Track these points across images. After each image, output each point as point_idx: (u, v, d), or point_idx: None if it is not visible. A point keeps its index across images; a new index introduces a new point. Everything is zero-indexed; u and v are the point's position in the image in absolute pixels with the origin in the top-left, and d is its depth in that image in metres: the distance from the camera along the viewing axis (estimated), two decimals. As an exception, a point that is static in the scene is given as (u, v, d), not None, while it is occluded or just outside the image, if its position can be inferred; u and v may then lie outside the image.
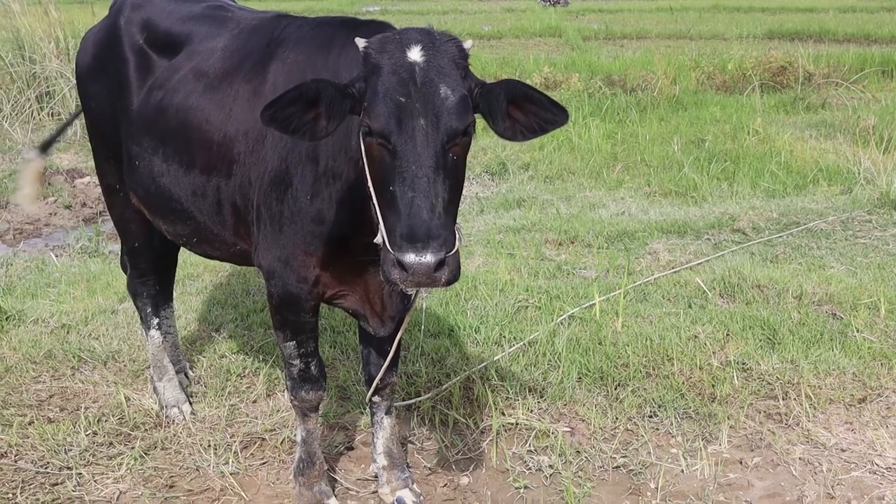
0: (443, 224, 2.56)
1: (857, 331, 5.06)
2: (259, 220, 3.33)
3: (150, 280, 4.37)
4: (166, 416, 4.31)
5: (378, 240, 2.88)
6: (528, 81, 13.47)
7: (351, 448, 4.14)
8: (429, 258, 2.51)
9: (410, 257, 2.51)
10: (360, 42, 2.74)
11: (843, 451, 4.06)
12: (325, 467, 3.71)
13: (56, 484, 3.81)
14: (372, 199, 2.70)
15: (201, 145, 3.48)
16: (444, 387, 4.45)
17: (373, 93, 2.64)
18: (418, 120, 2.58)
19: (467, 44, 2.79)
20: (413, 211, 2.54)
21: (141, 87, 3.81)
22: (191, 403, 4.43)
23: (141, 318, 4.45)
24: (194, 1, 3.97)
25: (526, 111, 2.85)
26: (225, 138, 3.41)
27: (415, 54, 2.65)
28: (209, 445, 4.07)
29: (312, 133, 2.74)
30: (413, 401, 4.31)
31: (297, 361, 3.49)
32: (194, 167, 3.53)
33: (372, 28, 3.22)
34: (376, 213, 2.73)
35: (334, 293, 3.38)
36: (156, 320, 4.41)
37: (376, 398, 3.75)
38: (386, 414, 3.78)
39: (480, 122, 2.84)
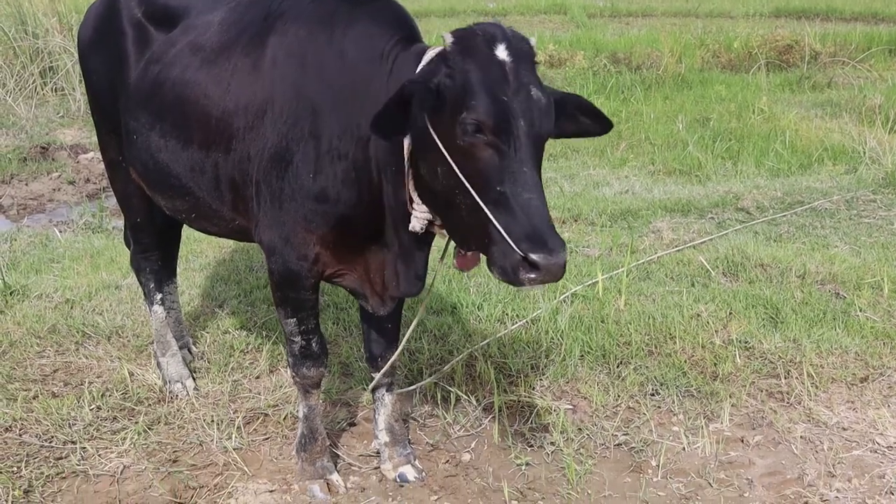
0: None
1: (860, 310, 5.06)
2: (259, 196, 3.30)
3: (154, 255, 4.37)
4: (170, 392, 4.33)
5: (416, 227, 2.94)
6: (532, 59, 13.46)
7: (353, 424, 4.15)
8: (560, 257, 2.57)
9: (545, 258, 2.55)
10: (448, 38, 2.74)
11: (844, 429, 4.07)
12: (328, 443, 3.73)
13: (60, 458, 3.83)
14: (463, 199, 2.70)
15: (199, 120, 3.44)
16: (446, 367, 4.45)
17: (477, 92, 2.63)
18: (519, 120, 2.62)
19: (532, 41, 2.83)
20: (533, 212, 2.59)
21: (139, 61, 3.76)
22: (194, 379, 4.44)
23: (144, 293, 4.45)
24: None
25: (575, 119, 2.97)
26: (223, 113, 3.36)
27: (503, 53, 2.67)
28: (212, 421, 4.09)
29: (400, 130, 2.80)
30: (415, 386, 4.21)
31: (298, 338, 3.49)
32: (192, 142, 3.49)
33: (379, 6, 3.21)
34: (439, 210, 2.85)
35: (334, 272, 3.38)
36: (159, 296, 4.41)
37: (377, 375, 3.76)
38: (387, 391, 3.79)
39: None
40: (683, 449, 3.94)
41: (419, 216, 2.96)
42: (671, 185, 8.08)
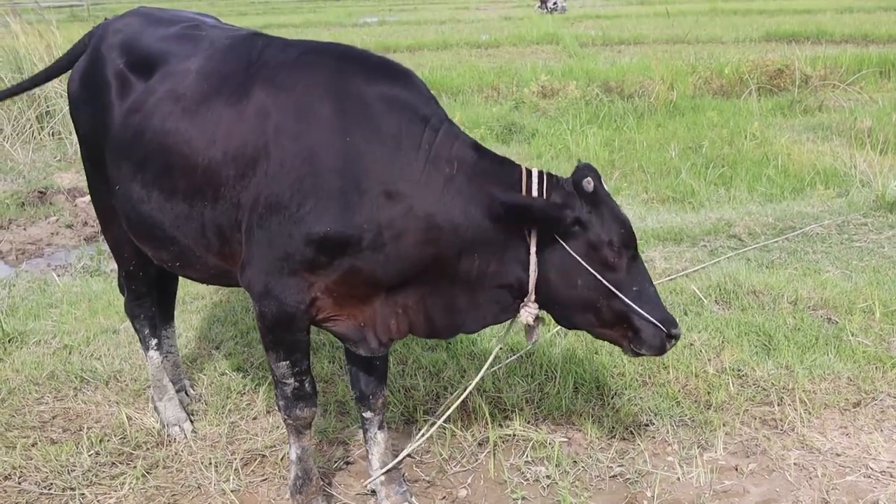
0: None
1: (852, 335, 5.09)
2: (250, 240, 3.31)
3: (147, 302, 4.39)
4: (168, 435, 4.35)
5: (528, 320, 3.40)
6: (524, 90, 13.55)
7: (350, 463, 4.17)
8: (681, 329, 3.46)
9: (679, 330, 3.41)
10: (588, 185, 3.25)
11: (837, 455, 4.09)
12: (321, 483, 3.75)
13: (59, 505, 3.86)
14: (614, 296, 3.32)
15: (183, 170, 3.44)
16: (447, 412, 4.47)
17: (617, 222, 3.31)
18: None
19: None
20: (658, 299, 3.43)
21: (121, 110, 3.75)
22: (192, 422, 4.47)
23: (140, 339, 4.48)
24: (171, 22, 3.90)
25: None
26: (210, 162, 3.36)
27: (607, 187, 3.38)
28: (210, 463, 4.11)
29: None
30: (410, 449, 4.04)
31: (291, 380, 3.50)
32: (177, 192, 3.48)
33: (384, 71, 3.35)
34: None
35: (328, 316, 3.41)
36: (154, 341, 4.44)
37: (367, 414, 3.78)
38: (378, 429, 3.80)
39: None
40: (678, 479, 3.97)
41: (532, 311, 3.39)
42: (664, 214, 8.13)
